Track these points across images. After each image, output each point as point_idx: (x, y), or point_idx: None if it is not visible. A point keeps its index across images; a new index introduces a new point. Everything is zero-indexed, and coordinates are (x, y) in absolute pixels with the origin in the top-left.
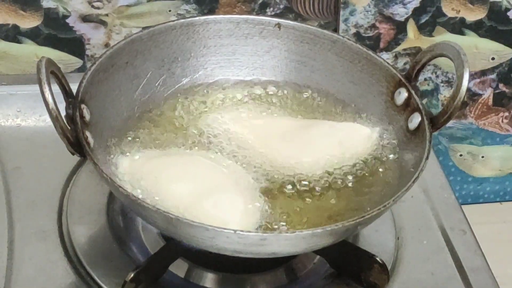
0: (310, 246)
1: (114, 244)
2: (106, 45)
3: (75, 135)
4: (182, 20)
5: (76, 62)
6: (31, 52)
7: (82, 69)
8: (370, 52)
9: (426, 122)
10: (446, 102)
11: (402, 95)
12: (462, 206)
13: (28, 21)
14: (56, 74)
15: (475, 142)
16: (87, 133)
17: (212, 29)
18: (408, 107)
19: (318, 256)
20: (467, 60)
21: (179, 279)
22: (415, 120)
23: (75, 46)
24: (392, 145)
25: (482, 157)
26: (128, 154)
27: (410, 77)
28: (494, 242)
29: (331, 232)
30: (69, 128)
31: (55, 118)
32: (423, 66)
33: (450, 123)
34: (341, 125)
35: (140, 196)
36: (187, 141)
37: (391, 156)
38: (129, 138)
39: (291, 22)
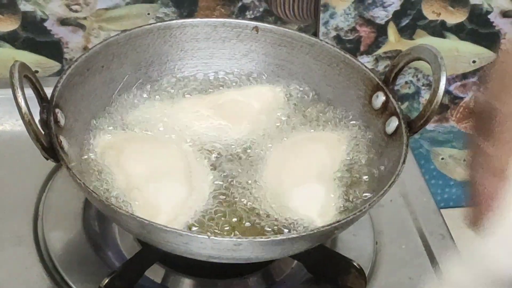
0: (285, 251)
1: (90, 250)
2: (85, 48)
3: (49, 140)
4: (159, 24)
5: (55, 65)
6: (9, 56)
7: (60, 72)
8: (348, 56)
9: (403, 126)
10: (423, 105)
11: (379, 99)
12: (444, 209)
13: (6, 25)
14: (30, 78)
15: (456, 145)
16: (61, 138)
17: (189, 32)
18: (386, 110)
19: (296, 261)
20: (444, 64)
21: (156, 284)
22: (393, 124)
23: (53, 49)
24: (370, 149)
25: (464, 160)
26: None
27: (388, 81)
28: None
29: (306, 237)
30: (43, 132)
31: (28, 123)
32: (400, 70)
33: (431, 127)
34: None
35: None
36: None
37: (369, 160)
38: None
39: (269, 26)
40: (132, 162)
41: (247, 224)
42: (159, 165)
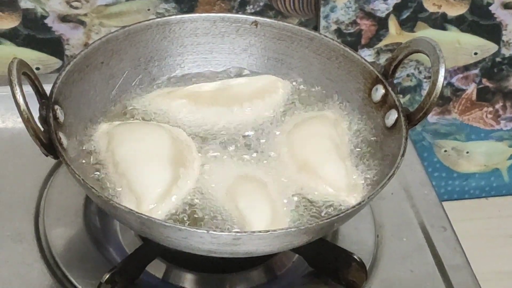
0: (285, 245)
1: (91, 245)
2: (85, 45)
3: (48, 137)
4: (158, 19)
5: (55, 62)
6: (10, 53)
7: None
8: (347, 49)
9: (402, 118)
10: (423, 98)
11: (379, 92)
12: (448, 202)
13: (6, 22)
14: (28, 75)
15: (459, 137)
16: (61, 134)
17: (189, 27)
18: (385, 103)
19: (297, 255)
20: (443, 56)
21: (157, 280)
22: (392, 116)
23: (54, 46)
24: (369, 141)
25: (467, 152)
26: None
27: (387, 74)
28: (480, 238)
29: (306, 231)
30: (42, 129)
31: (26, 120)
32: (400, 63)
33: (434, 119)
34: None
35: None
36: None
37: (370, 153)
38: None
39: (268, 20)
40: (120, 148)
41: None
42: (146, 151)
